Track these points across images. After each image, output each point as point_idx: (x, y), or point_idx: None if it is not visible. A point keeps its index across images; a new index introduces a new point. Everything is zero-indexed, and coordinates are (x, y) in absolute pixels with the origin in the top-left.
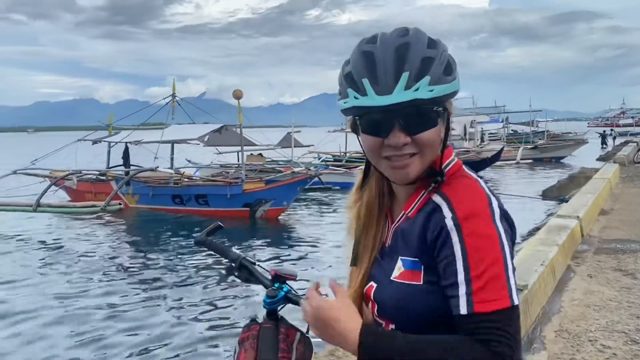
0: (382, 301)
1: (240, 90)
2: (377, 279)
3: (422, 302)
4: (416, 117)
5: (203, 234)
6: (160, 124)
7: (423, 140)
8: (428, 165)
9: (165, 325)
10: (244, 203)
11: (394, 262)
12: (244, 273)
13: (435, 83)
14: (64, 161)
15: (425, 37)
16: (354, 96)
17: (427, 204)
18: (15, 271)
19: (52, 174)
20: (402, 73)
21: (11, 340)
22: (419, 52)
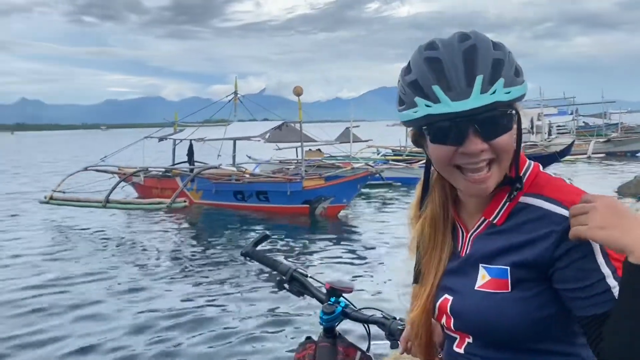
0: (462, 313)
1: (301, 87)
2: (455, 291)
3: (510, 310)
4: (492, 121)
5: (249, 246)
6: (222, 120)
7: (500, 146)
8: (504, 173)
9: (204, 337)
10: (304, 200)
11: (476, 272)
12: (296, 286)
13: (510, 85)
14: (132, 158)
15: (489, 40)
16: (425, 104)
17: (520, 210)
18: (82, 264)
19: (120, 170)
20: (475, 76)
21: (69, 328)
22: (487, 54)
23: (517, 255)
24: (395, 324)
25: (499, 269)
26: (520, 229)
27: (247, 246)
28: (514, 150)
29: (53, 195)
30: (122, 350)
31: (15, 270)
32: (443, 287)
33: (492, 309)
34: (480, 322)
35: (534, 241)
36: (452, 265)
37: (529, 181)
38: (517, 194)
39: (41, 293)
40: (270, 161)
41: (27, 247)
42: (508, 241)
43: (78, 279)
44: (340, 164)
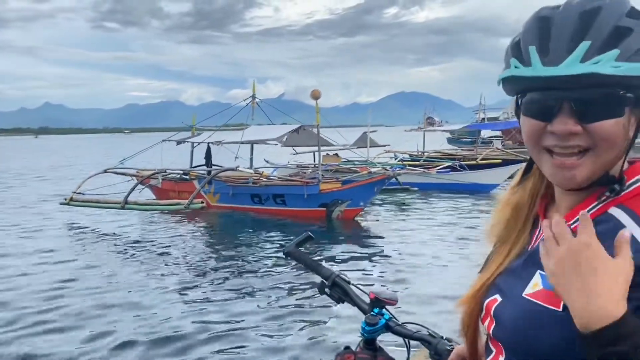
0: (503, 318)
1: (318, 91)
2: (504, 292)
3: (553, 332)
4: (594, 100)
5: (292, 245)
6: (240, 124)
7: (599, 132)
8: (604, 169)
9: (237, 341)
10: (320, 203)
11: (531, 275)
12: (338, 292)
13: (627, 60)
14: (150, 161)
15: (629, 5)
16: (515, 65)
17: (604, 220)
18: (99, 265)
19: (138, 172)
20: (581, 42)
21: (84, 329)
22: (611, 20)
23: None
24: (442, 343)
25: None
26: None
27: (289, 246)
28: (622, 143)
29: (73, 197)
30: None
31: (33, 271)
32: (497, 285)
33: (534, 324)
34: (516, 334)
35: None
36: (514, 264)
37: (634, 192)
38: (610, 201)
39: (57, 294)
40: (288, 165)
41: (45, 248)
42: None
43: (94, 279)
44: (357, 168)
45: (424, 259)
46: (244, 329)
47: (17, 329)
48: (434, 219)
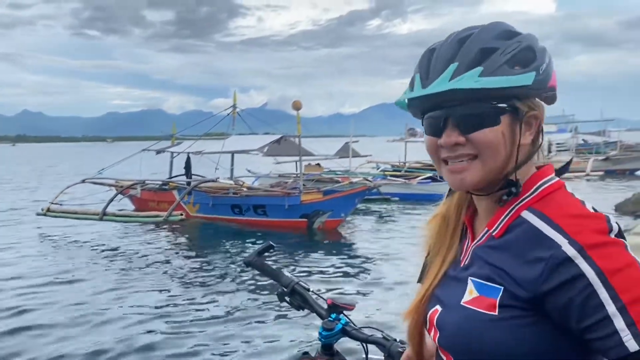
0: (445, 328)
1: (299, 101)
2: (443, 302)
3: (491, 334)
4: (470, 113)
5: (253, 255)
6: (222, 134)
7: (479, 140)
8: (499, 174)
9: (200, 347)
10: (301, 214)
11: (465, 284)
12: (297, 299)
13: (490, 74)
14: (130, 171)
15: (499, 29)
16: (406, 92)
17: (519, 225)
18: (76, 276)
19: (117, 183)
20: (450, 64)
21: (59, 340)
22: (479, 43)
23: (508, 277)
24: (395, 345)
25: (488, 286)
26: (513, 247)
27: (250, 255)
28: (506, 149)
29: (50, 208)
30: None
31: (7, 282)
32: (436, 296)
33: (474, 329)
34: (459, 342)
35: (522, 265)
36: (450, 275)
37: (540, 195)
38: (520, 207)
39: (32, 306)
40: (270, 175)
41: (21, 259)
42: (501, 258)
43: (69, 290)
44: (338, 178)
45: (400, 269)
46: (206, 334)
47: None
48: (412, 229)
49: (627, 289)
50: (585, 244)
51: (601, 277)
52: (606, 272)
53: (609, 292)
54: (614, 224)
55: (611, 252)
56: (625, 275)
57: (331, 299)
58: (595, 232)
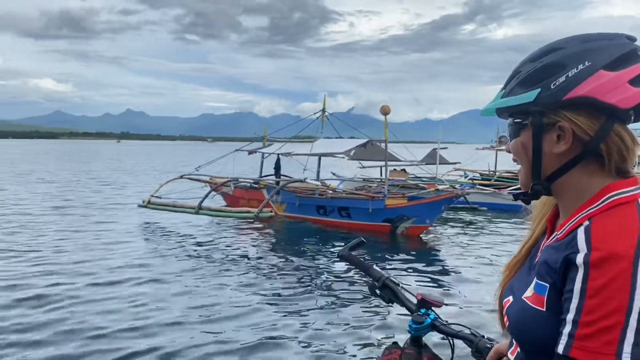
0: (509, 318)
1: (388, 106)
2: (514, 294)
3: (541, 328)
4: (508, 126)
5: (346, 249)
6: (310, 137)
7: (511, 149)
8: (532, 179)
9: (296, 335)
10: (385, 218)
11: (531, 281)
12: (387, 293)
13: (506, 96)
14: (223, 168)
15: (539, 50)
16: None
17: (576, 229)
18: (171, 265)
19: (212, 180)
20: (506, 86)
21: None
22: (518, 67)
23: (553, 277)
24: (483, 341)
25: (541, 284)
26: (560, 250)
27: (343, 249)
28: (527, 158)
29: (151, 200)
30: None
31: (109, 269)
32: (511, 286)
33: (528, 322)
34: (517, 331)
35: (559, 262)
36: (525, 268)
37: (606, 207)
38: (585, 215)
39: (131, 292)
40: (354, 178)
41: (122, 248)
42: (552, 257)
43: (164, 278)
44: (424, 185)
45: (485, 279)
46: (301, 323)
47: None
48: (500, 241)
49: (592, 311)
50: (593, 260)
51: (582, 292)
52: (589, 290)
53: (578, 304)
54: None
55: (610, 275)
56: (600, 301)
57: (421, 294)
58: (613, 252)
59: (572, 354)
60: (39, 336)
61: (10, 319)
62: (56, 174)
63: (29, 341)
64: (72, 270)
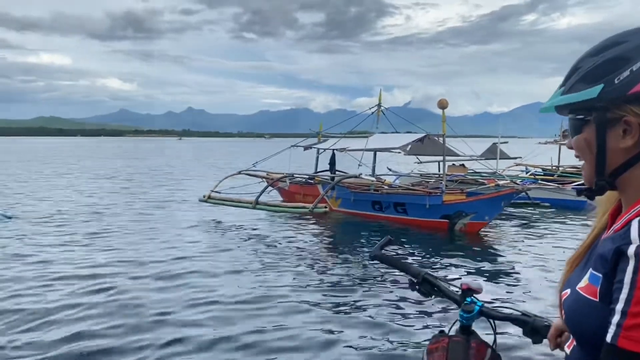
0: (566, 310)
1: (445, 100)
2: (572, 286)
3: (594, 318)
4: (570, 123)
5: (377, 249)
6: (365, 132)
7: (573, 146)
8: (596, 174)
9: (345, 329)
10: (442, 214)
11: (586, 273)
12: (427, 287)
13: (567, 92)
14: (279, 165)
15: (600, 45)
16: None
17: (631, 223)
18: (228, 257)
19: (268, 175)
20: (565, 82)
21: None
22: (577, 62)
23: (606, 267)
24: (538, 320)
25: (595, 275)
26: (614, 242)
27: (374, 250)
28: (591, 154)
29: (211, 195)
30: (245, 349)
31: (170, 260)
32: (569, 279)
33: (580, 314)
34: (571, 322)
35: (612, 253)
36: (583, 261)
37: None
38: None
39: (188, 282)
40: (411, 174)
41: (182, 240)
42: (605, 250)
43: (220, 270)
44: (484, 180)
45: (546, 277)
46: (350, 317)
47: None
48: (562, 238)
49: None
50: None
51: (633, 283)
52: (639, 281)
53: (628, 295)
54: None
55: None
56: None
57: (466, 283)
58: None
59: (620, 344)
60: (102, 322)
61: (81, 306)
62: (122, 170)
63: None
64: (135, 260)
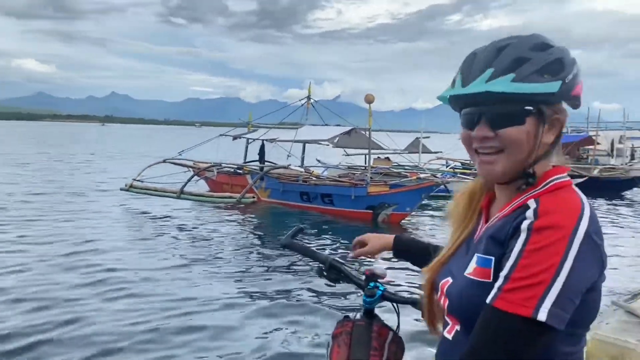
0: (451, 297)
1: (372, 95)
2: (454, 274)
3: (485, 300)
4: (500, 113)
5: (288, 237)
6: (295, 124)
7: (506, 137)
8: (519, 167)
9: (255, 318)
10: (367, 205)
11: (471, 259)
12: (334, 274)
13: (520, 81)
14: (207, 154)
15: (535, 41)
16: (448, 89)
17: (521, 208)
18: (148, 248)
19: (195, 164)
20: (487, 68)
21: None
22: (514, 52)
23: (500, 248)
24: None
25: (484, 258)
26: (506, 224)
27: (285, 238)
28: (528, 146)
29: (133, 184)
30: (154, 332)
31: (87, 253)
32: (449, 269)
33: (474, 296)
34: (462, 308)
35: (506, 232)
36: (464, 251)
37: (550, 189)
38: (530, 196)
39: (103, 271)
40: (338, 166)
41: (101, 232)
42: (496, 233)
43: (139, 259)
44: (407, 173)
45: None
46: (258, 307)
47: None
48: None
49: (522, 269)
50: (536, 226)
51: (520, 252)
52: (525, 252)
53: (514, 262)
54: (582, 227)
55: (547, 241)
56: (532, 262)
57: (368, 269)
58: (555, 223)
59: (496, 304)
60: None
61: None
62: (35, 156)
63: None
64: (47, 253)
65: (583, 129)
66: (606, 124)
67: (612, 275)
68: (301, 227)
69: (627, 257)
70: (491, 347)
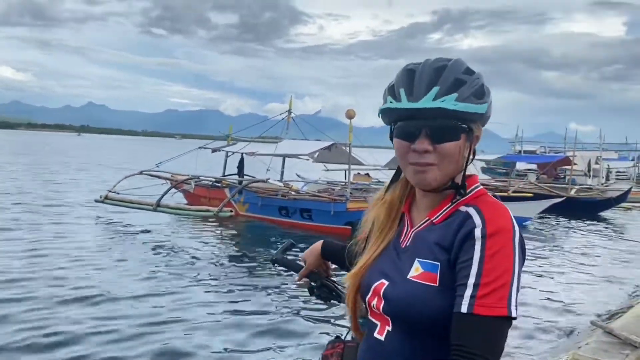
0: (392, 299)
1: (353, 110)
2: (390, 277)
3: (433, 302)
4: (441, 127)
5: (278, 253)
6: (275, 137)
7: (444, 151)
8: (449, 178)
9: (242, 334)
10: (346, 221)
11: (411, 263)
12: (325, 292)
13: (462, 101)
14: (185, 166)
15: (464, 66)
16: (390, 101)
17: (456, 214)
18: (122, 261)
19: (173, 177)
20: (433, 87)
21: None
22: (453, 74)
23: (446, 254)
24: None
25: (430, 263)
26: (450, 227)
27: (275, 254)
28: (459, 159)
29: (108, 195)
30: (135, 349)
31: (59, 267)
32: (381, 271)
33: (419, 299)
34: (406, 308)
35: (451, 236)
36: (393, 254)
37: (474, 196)
38: (459, 202)
39: (75, 285)
40: (318, 181)
41: (75, 245)
42: (439, 237)
43: (113, 274)
44: None
45: None
46: (248, 320)
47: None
48: None
49: (489, 274)
50: (489, 232)
51: (481, 259)
52: (486, 257)
53: (478, 270)
54: (517, 227)
55: (500, 244)
56: (494, 265)
57: None
58: (501, 226)
59: (476, 311)
60: None
61: None
62: (10, 166)
63: None
64: (21, 267)
65: (560, 150)
66: (583, 144)
67: (590, 295)
68: (292, 242)
69: (603, 277)
70: (493, 349)
